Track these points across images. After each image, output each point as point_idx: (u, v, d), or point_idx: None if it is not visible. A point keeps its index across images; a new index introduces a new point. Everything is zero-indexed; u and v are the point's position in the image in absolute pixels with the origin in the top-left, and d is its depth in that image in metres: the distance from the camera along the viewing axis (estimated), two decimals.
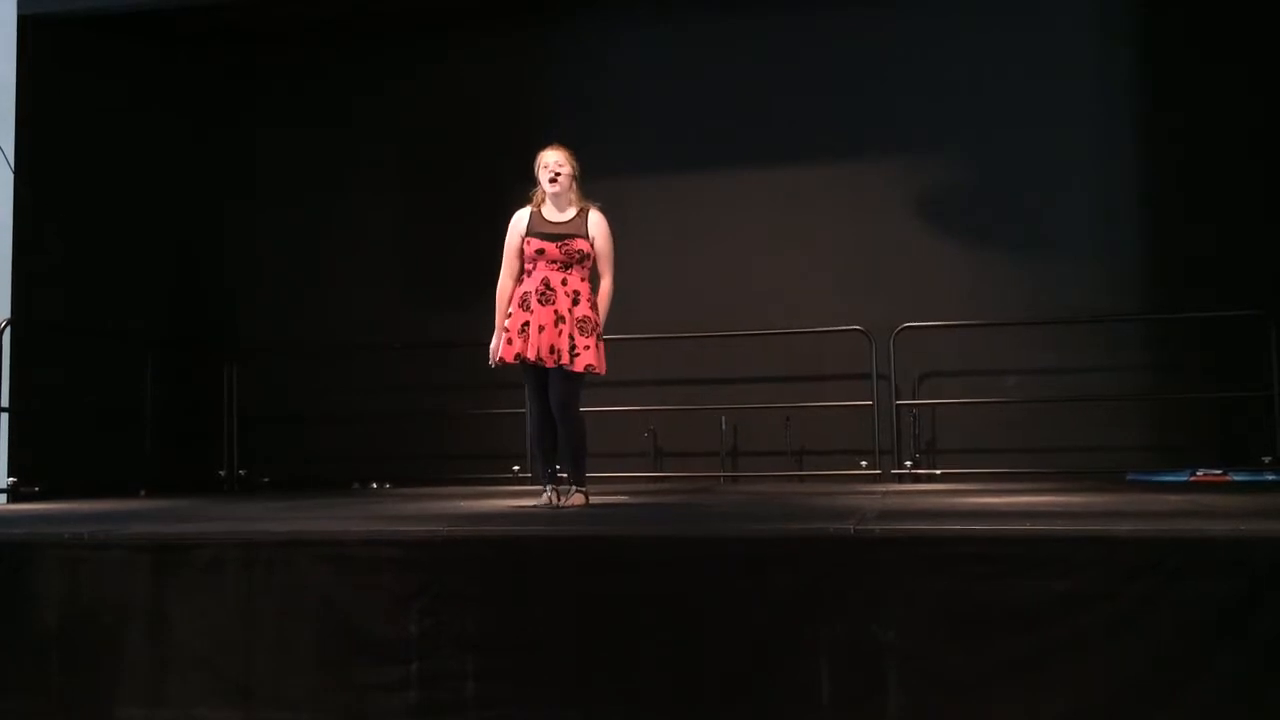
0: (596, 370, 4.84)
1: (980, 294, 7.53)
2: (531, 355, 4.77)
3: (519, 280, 4.93)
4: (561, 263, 4.85)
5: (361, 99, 8.57)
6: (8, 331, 6.66)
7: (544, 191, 4.97)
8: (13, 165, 7.02)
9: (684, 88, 8.04)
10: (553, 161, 4.96)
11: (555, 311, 4.80)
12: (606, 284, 4.98)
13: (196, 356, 8.30)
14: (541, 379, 4.88)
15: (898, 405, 7.46)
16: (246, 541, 3.63)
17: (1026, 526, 3.32)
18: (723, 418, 7.72)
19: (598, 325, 4.89)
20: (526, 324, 4.81)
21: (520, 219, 4.98)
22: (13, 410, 6.78)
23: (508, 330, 4.86)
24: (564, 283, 4.84)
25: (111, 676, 3.58)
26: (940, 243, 7.68)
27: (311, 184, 8.51)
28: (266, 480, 8.14)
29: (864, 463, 7.38)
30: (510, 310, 4.89)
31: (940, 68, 7.66)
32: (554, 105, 8.32)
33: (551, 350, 4.77)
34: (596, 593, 3.33)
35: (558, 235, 4.87)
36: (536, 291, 4.82)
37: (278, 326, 8.39)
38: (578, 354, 4.77)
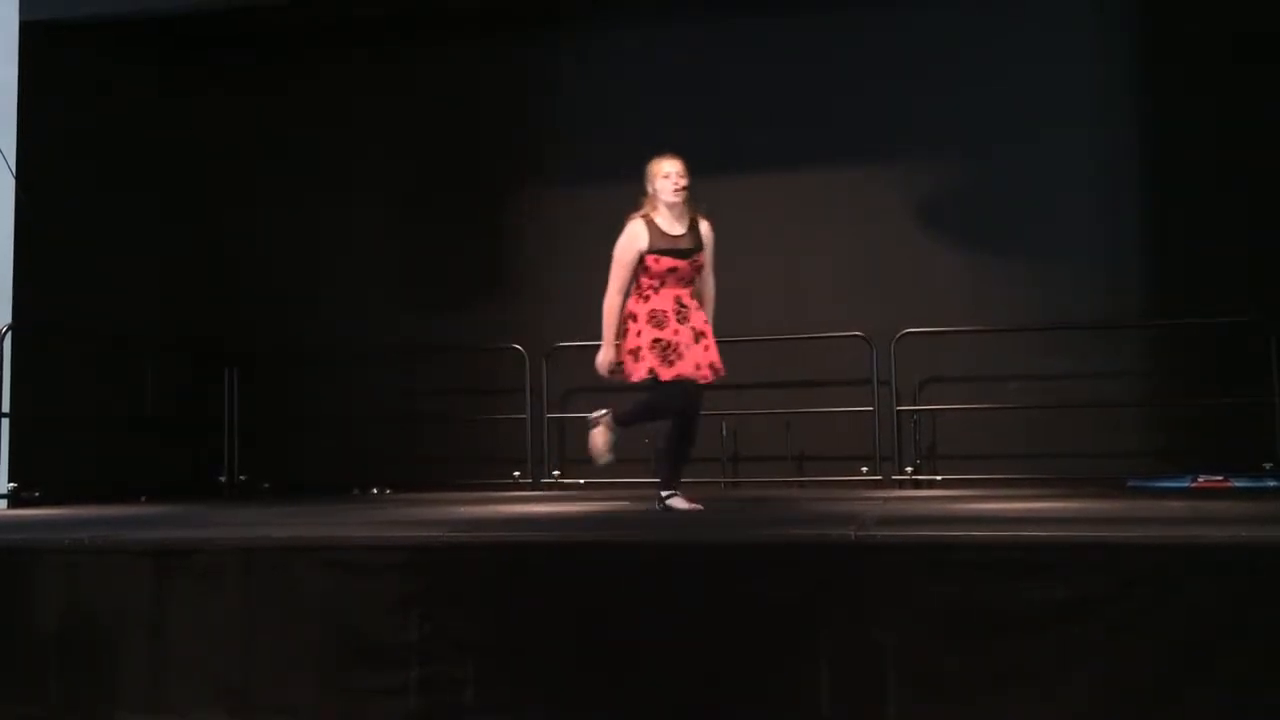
0: (722, 374, 4.86)
1: (981, 300, 7.53)
2: (690, 373, 4.70)
3: (640, 295, 4.80)
4: (688, 279, 4.80)
5: (361, 103, 8.57)
6: (8, 337, 6.66)
7: (660, 202, 4.82)
8: (13, 170, 7.03)
9: (685, 93, 8.04)
10: (675, 171, 4.82)
11: (693, 329, 4.76)
12: (714, 293, 4.94)
13: (196, 362, 8.30)
14: (685, 392, 4.77)
15: (899, 411, 7.46)
16: (246, 547, 3.62)
17: (1027, 533, 3.32)
18: (723, 423, 7.71)
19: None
20: (671, 342, 4.70)
21: (639, 233, 4.79)
22: (13, 415, 6.77)
23: (637, 348, 4.74)
24: (692, 297, 4.82)
25: (112, 682, 3.57)
26: (941, 248, 7.68)
27: (312, 189, 8.51)
28: (266, 485, 8.13)
29: (865, 468, 7.38)
30: (627, 325, 4.79)
31: (942, 73, 7.67)
32: (555, 109, 8.34)
33: (697, 368, 4.72)
34: (596, 598, 3.33)
35: (687, 251, 4.78)
36: (673, 311, 4.75)
37: (278, 331, 8.39)
38: (714, 364, 4.79)
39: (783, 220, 7.92)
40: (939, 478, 7.42)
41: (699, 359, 4.73)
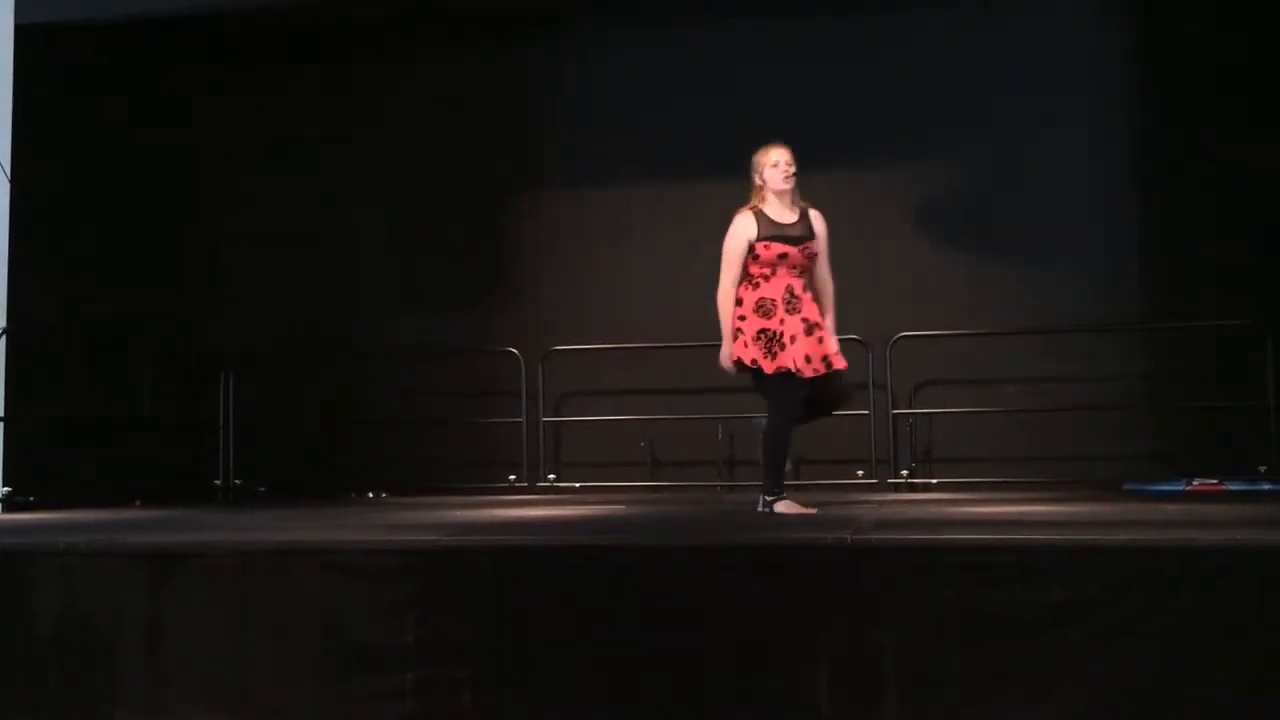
0: (844, 367, 4.78)
1: (977, 303, 7.54)
2: (790, 365, 4.61)
3: (750, 283, 4.74)
4: (801, 267, 4.72)
5: (359, 104, 8.56)
6: (3, 339, 6.65)
7: (768, 191, 4.78)
8: (9, 175, 7.02)
9: (680, 95, 8.04)
10: (784, 159, 4.78)
11: (804, 320, 4.67)
12: (832, 283, 4.84)
13: (192, 365, 8.28)
14: (794, 385, 4.69)
15: (894, 414, 7.46)
16: (243, 550, 3.63)
17: (1023, 536, 3.33)
18: (719, 427, 7.71)
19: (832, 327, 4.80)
20: (776, 333, 4.63)
21: (747, 223, 4.75)
22: (9, 419, 6.76)
23: (741, 333, 4.70)
24: (806, 288, 4.73)
25: (108, 686, 3.57)
26: (937, 251, 7.68)
27: (309, 191, 8.50)
28: (263, 489, 8.12)
29: (860, 472, 7.38)
30: (742, 315, 4.72)
31: (937, 76, 7.66)
32: (553, 111, 8.34)
33: (809, 360, 4.63)
34: (594, 602, 3.33)
35: (798, 238, 4.71)
36: (783, 300, 4.66)
37: (274, 335, 8.37)
38: (828, 357, 4.69)
39: None
40: (935, 481, 7.42)
41: (809, 350, 4.62)
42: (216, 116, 8.58)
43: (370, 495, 7.79)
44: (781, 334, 4.63)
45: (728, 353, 4.78)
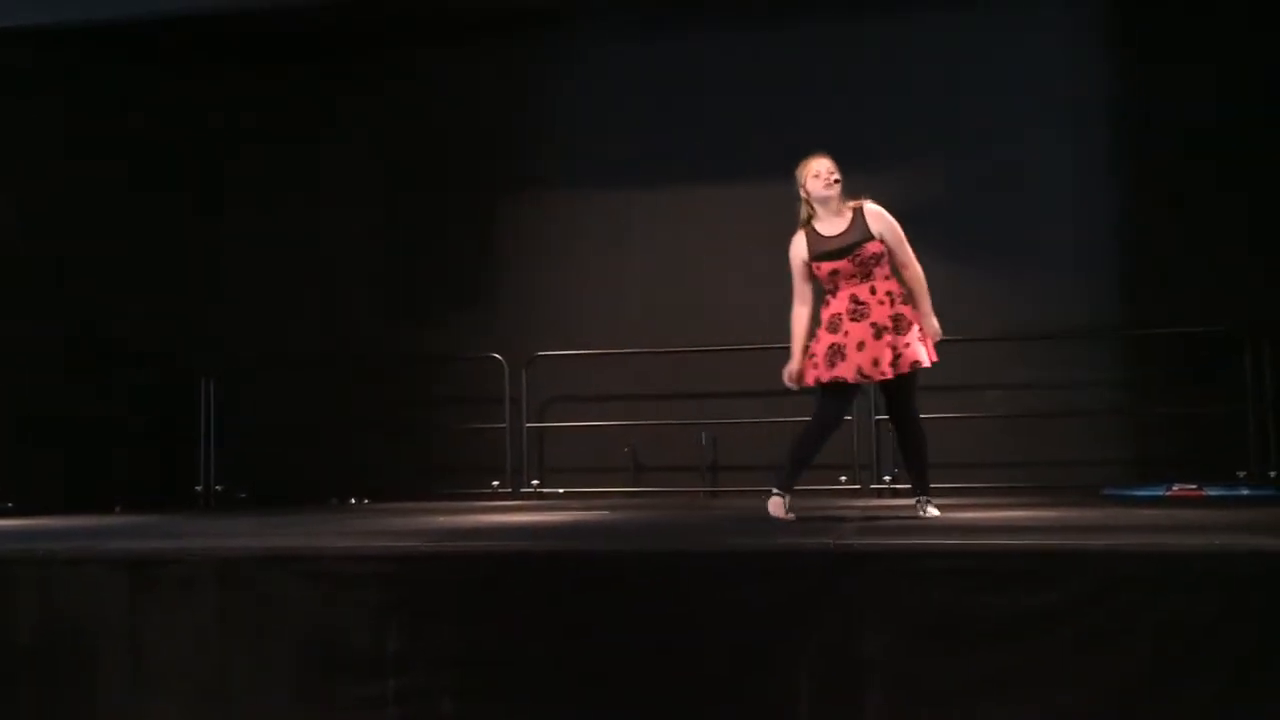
0: (923, 364, 4.64)
1: (958, 309, 7.50)
2: (852, 377, 4.57)
3: (824, 301, 4.72)
4: (860, 274, 4.64)
5: (341, 109, 8.55)
6: None
7: (814, 203, 4.72)
8: None
9: (664, 102, 8.07)
10: (823, 168, 4.71)
11: (873, 325, 4.58)
12: (915, 270, 4.71)
13: (173, 371, 8.24)
14: (846, 397, 4.71)
15: (877, 420, 7.48)
16: (223, 557, 3.60)
17: (1004, 541, 3.34)
18: (703, 432, 7.72)
19: (913, 320, 4.64)
20: (839, 347, 4.60)
21: (799, 244, 4.74)
22: None
23: (813, 355, 4.66)
24: (872, 291, 4.63)
25: (87, 695, 3.54)
26: (919, 258, 7.68)
27: (290, 197, 8.48)
28: (243, 496, 8.08)
29: (843, 477, 7.39)
30: (816, 334, 4.69)
31: (918, 82, 7.71)
32: (537, 117, 8.34)
33: (875, 364, 4.56)
34: (576, 608, 3.32)
35: (844, 249, 4.63)
36: (847, 311, 4.62)
37: (255, 341, 8.34)
38: (900, 355, 4.57)
39: (765, 227, 7.91)
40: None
41: (877, 354, 4.54)
42: (198, 120, 8.55)
43: (352, 501, 7.76)
44: (845, 346, 4.60)
45: (793, 369, 4.75)
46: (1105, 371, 7.49)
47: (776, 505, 4.70)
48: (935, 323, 4.75)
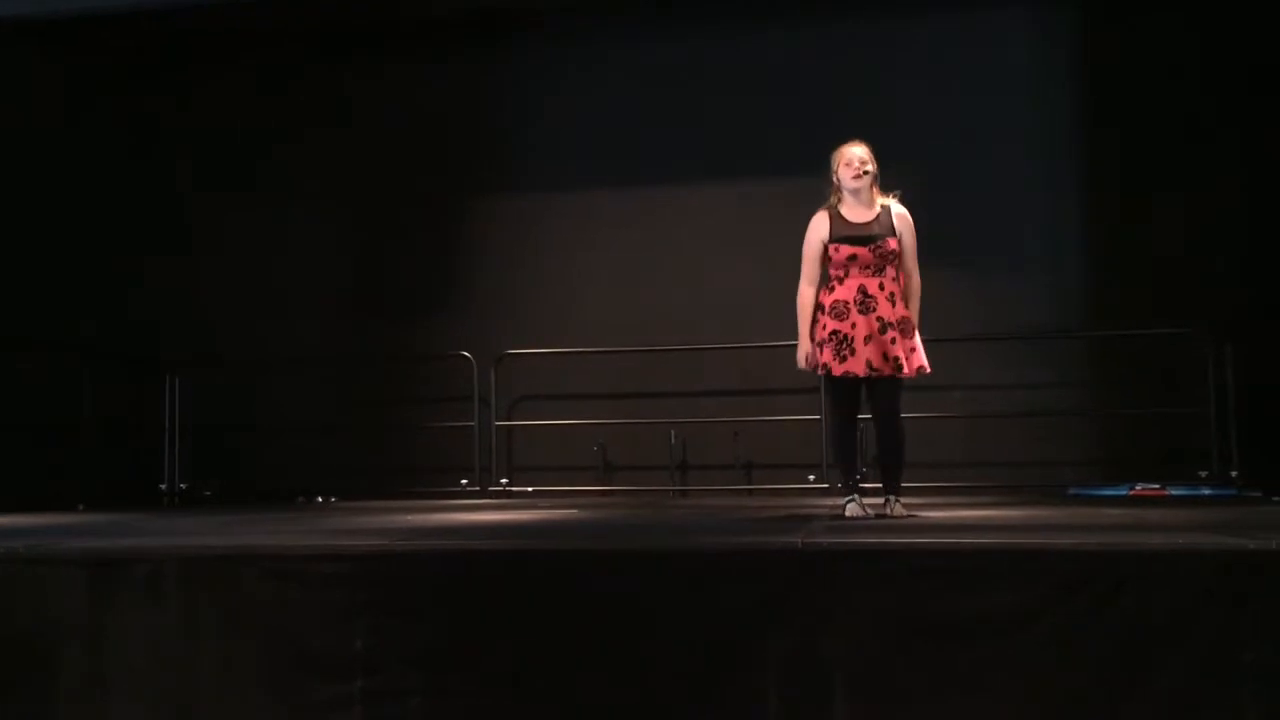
0: (926, 370, 4.68)
1: (925, 309, 7.59)
2: (861, 370, 4.57)
3: (827, 286, 4.73)
4: (875, 266, 4.64)
5: (310, 110, 8.48)
6: None
7: (843, 190, 4.73)
8: None
9: (634, 102, 8.08)
10: (855, 157, 4.72)
11: (879, 319, 4.60)
12: (917, 281, 4.78)
13: (137, 368, 8.15)
14: (858, 388, 4.69)
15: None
16: (188, 556, 3.56)
17: (970, 540, 3.36)
18: (672, 431, 7.73)
19: (915, 324, 4.72)
20: (847, 336, 4.60)
21: (820, 223, 4.74)
22: None
23: (820, 342, 4.67)
24: (881, 287, 4.64)
25: (47, 697, 3.49)
26: None
27: (261, 195, 8.41)
28: (209, 494, 8.01)
29: (812, 477, 7.42)
30: (818, 319, 4.70)
31: (884, 85, 7.74)
32: (507, 119, 8.33)
33: (886, 358, 4.58)
34: (544, 608, 3.31)
35: (868, 238, 4.64)
36: (855, 301, 4.62)
37: (221, 338, 8.27)
38: (908, 358, 4.62)
39: (733, 229, 7.96)
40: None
41: (866, 353, 4.56)
42: (166, 118, 8.47)
43: (320, 500, 7.71)
44: (853, 337, 4.60)
45: (803, 350, 4.77)
46: (1070, 372, 7.57)
47: (853, 509, 4.74)
48: (918, 336, 4.82)
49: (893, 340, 4.60)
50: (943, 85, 7.73)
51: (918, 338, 4.71)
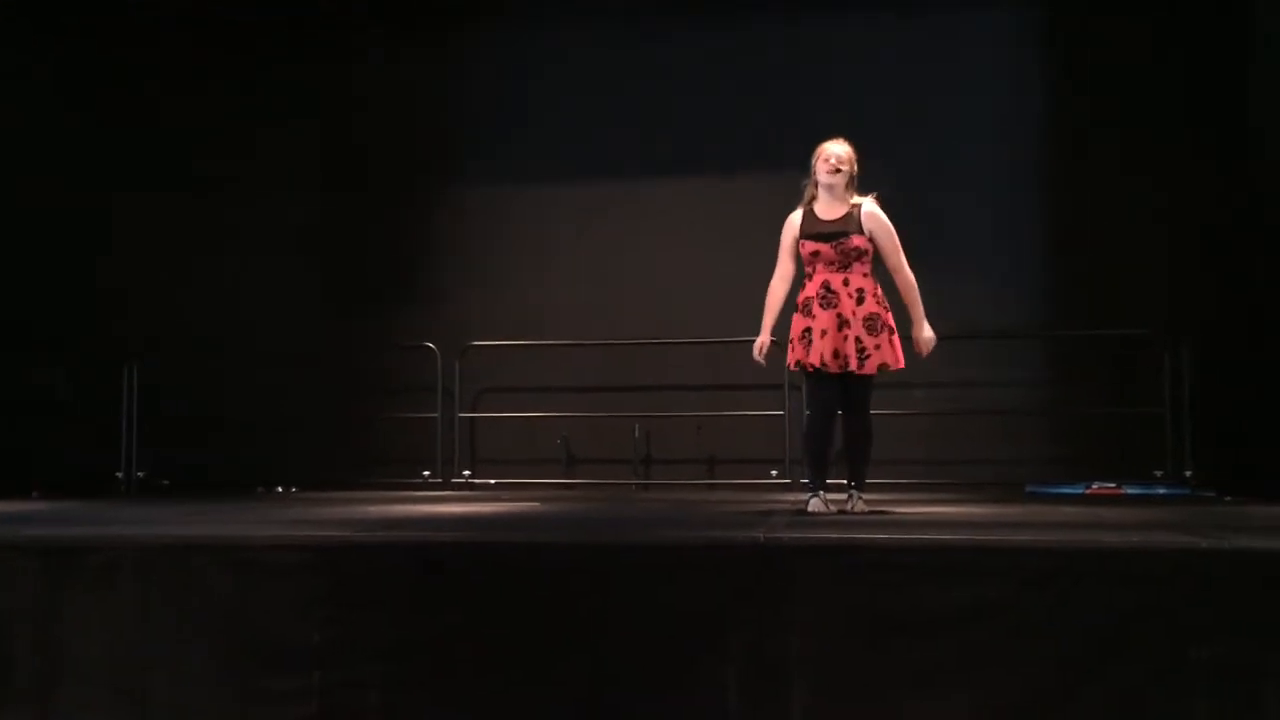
0: (891, 367, 4.66)
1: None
2: (816, 361, 4.59)
3: (802, 283, 4.74)
4: (839, 263, 4.66)
5: (273, 99, 8.37)
6: None
7: (818, 187, 4.74)
8: None
9: (602, 95, 8.06)
10: (833, 154, 4.73)
11: (838, 315, 4.61)
12: (906, 276, 4.75)
13: (94, 355, 8.03)
14: (833, 384, 4.68)
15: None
16: (144, 545, 3.52)
17: (930, 536, 3.39)
18: (635, 425, 7.73)
19: (888, 322, 4.67)
20: (808, 330, 4.64)
21: (794, 220, 4.79)
22: None
23: (792, 339, 4.69)
24: (845, 283, 4.64)
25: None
26: None
27: (222, 185, 8.30)
28: (166, 483, 7.92)
29: (774, 472, 7.45)
30: (792, 317, 4.73)
31: (849, 84, 7.76)
32: (475, 110, 8.29)
33: (836, 355, 4.59)
34: (504, 601, 3.31)
35: (831, 234, 4.66)
36: (818, 296, 4.65)
37: (179, 325, 8.16)
38: (868, 356, 4.59)
39: (698, 224, 7.97)
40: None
41: (822, 347, 4.57)
42: (128, 107, 8.33)
43: (279, 490, 7.64)
44: (812, 329, 4.64)
45: (763, 342, 4.81)
46: (1029, 372, 7.65)
47: (816, 505, 4.73)
48: (928, 330, 4.84)
49: (849, 338, 4.61)
50: (906, 85, 7.77)
51: (888, 336, 4.69)
